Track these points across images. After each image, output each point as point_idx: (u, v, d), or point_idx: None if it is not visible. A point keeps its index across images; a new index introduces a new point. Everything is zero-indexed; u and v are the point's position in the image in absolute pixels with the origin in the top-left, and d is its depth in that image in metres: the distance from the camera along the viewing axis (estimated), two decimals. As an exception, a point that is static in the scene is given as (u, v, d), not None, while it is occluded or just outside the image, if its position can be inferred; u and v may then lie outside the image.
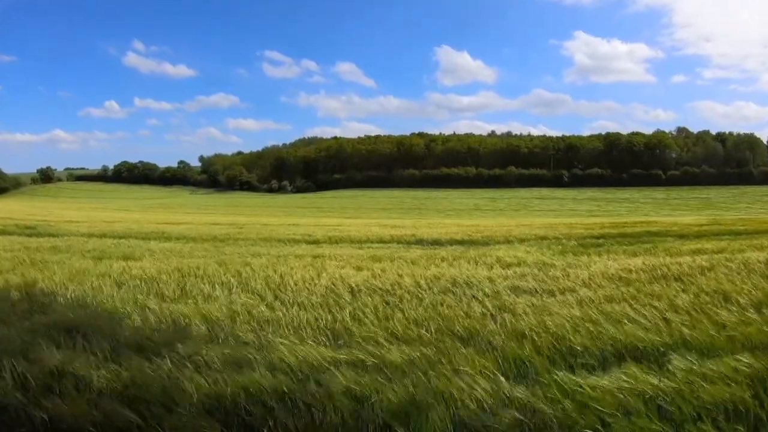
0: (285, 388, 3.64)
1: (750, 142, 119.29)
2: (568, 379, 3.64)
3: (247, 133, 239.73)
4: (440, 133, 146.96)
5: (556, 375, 3.74)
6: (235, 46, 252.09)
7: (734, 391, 3.34)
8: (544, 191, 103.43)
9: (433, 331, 4.97)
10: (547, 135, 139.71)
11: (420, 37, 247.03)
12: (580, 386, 3.51)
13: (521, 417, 3.22)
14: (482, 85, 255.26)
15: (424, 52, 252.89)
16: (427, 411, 3.33)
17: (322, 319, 5.44)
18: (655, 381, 3.49)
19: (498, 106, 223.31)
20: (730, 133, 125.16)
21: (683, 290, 6.41)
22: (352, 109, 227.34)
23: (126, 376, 3.86)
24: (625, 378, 3.57)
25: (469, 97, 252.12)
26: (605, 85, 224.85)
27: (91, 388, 3.74)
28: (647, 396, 3.35)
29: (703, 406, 3.23)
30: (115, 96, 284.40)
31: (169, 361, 4.11)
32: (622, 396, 3.35)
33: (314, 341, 4.69)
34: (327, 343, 4.64)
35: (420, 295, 6.55)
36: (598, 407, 3.23)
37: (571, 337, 4.56)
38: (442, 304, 6.03)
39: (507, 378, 3.80)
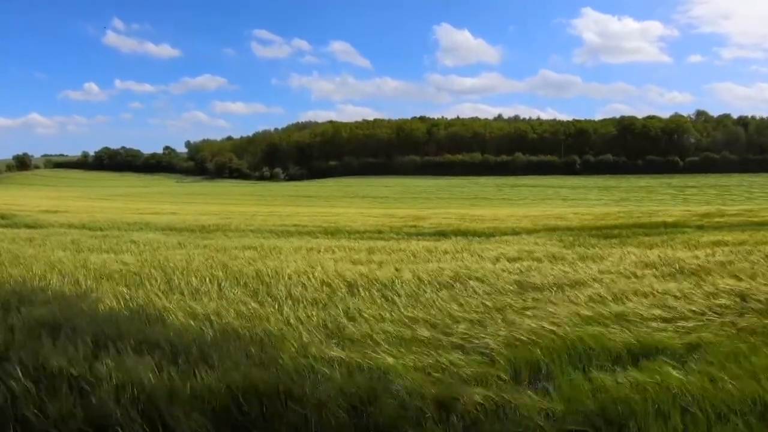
0: (277, 388, 3.64)
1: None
2: (582, 379, 3.65)
3: (236, 116, 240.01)
4: (442, 117, 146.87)
5: (570, 375, 3.74)
6: (221, 24, 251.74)
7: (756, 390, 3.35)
8: (554, 179, 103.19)
9: (434, 329, 4.97)
10: (557, 119, 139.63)
11: (417, 14, 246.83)
12: (595, 387, 3.52)
13: (532, 418, 3.23)
14: (485, 65, 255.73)
15: (422, 31, 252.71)
16: (428, 414, 3.33)
17: (315, 317, 5.44)
18: (677, 379, 3.50)
19: (503, 88, 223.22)
20: (753, 117, 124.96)
21: (700, 286, 6.40)
22: (347, 91, 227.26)
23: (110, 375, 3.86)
24: (641, 377, 3.58)
25: (471, 78, 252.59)
26: (617, 66, 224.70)
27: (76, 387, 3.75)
28: (669, 396, 3.36)
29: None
30: (95, 78, 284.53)
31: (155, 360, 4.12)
32: (641, 396, 3.36)
33: (308, 339, 4.69)
34: (320, 342, 4.63)
35: (420, 291, 6.56)
36: (616, 407, 3.25)
37: (582, 337, 4.56)
38: (443, 301, 6.03)
39: (516, 379, 3.81)
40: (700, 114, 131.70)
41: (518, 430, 3.18)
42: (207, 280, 7.33)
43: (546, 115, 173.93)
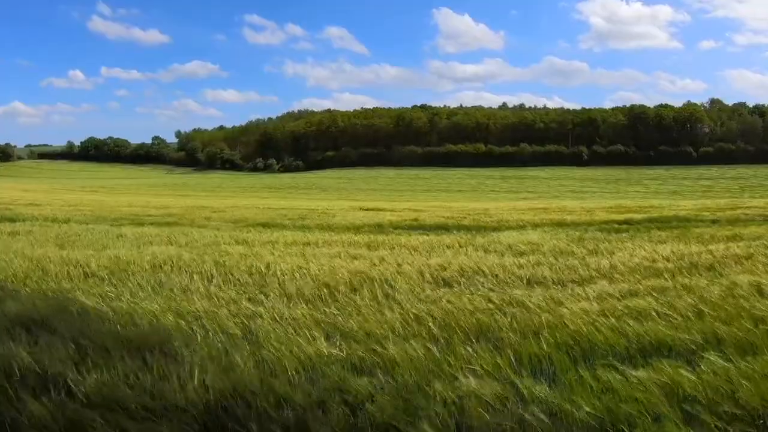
0: (274, 389, 3.63)
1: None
2: (592, 378, 3.64)
3: (229, 105, 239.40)
4: (444, 106, 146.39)
5: (580, 373, 3.73)
6: (211, 9, 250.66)
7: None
8: (562, 170, 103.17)
9: (437, 326, 4.96)
10: (565, 108, 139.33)
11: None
12: (605, 386, 3.51)
13: (541, 420, 3.21)
14: (488, 52, 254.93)
15: (421, 15, 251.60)
16: (430, 415, 3.32)
17: (312, 314, 5.42)
18: (689, 379, 3.49)
19: (507, 75, 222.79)
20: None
21: (716, 282, 6.40)
22: (344, 78, 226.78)
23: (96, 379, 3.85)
24: (653, 377, 3.56)
25: (473, 65, 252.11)
26: (626, 52, 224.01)
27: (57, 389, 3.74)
28: (679, 396, 3.35)
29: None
30: (80, 64, 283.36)
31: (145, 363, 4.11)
32: (651, 396, 3.35)
33: (305, 337, 4.67)
34: (319, 340, 4.62)
35: (423, 287, 6.54)
36: (626, 408, 3.24)
37: (592, 334, 4.55)
38: (447, 297, 6.02)
39: (523, 377, 3.80)
40: (715, 102, 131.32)
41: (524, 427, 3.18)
42: (197, 276, 7.31)
43: (552, 103, 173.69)
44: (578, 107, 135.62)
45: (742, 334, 4.41)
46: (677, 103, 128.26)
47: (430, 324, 5.00)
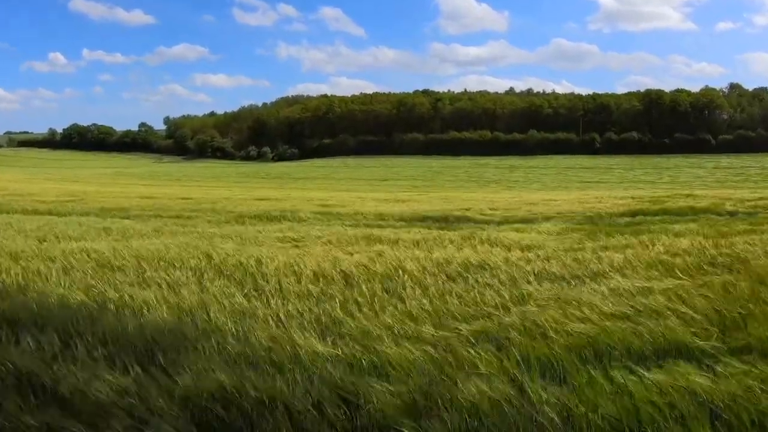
0: (269, 390, 3.63)
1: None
2: (604, 380, 3.63)
3: (219, 90, 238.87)
4: (448, 91, 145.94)
5: (591, 375, 3.72)
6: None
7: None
8: (572, 159, 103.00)
9: (440, 325, 4.95)
10: (575, 93, 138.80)
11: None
12: (619, 388, 3.50)
13: (550, 423, 3.21)
14: (491, 33, 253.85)
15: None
16: (431, 418, 3.31)
17: (308, 312, 5.42)
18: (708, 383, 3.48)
19: (512, 58, 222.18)
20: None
21: (736, 279, 6.38)
22: (340, 62, 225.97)
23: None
24: (669, 379, 3.56)
25: (477, 47, 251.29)
26: (638, 34, 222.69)
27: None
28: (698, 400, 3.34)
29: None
30: (61, 47, 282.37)
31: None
32: (668, 399, 3.34)
33: (300, 336, 4.66)
34: (315, 339, 4.62)
35: (425, 283, 6.53)
36: (640, 411, 3.23)
37: (604, 334, 4.54)
38: (450, 294, 6.01)
39: (531, 379, 3.79)
40: (734, 87, 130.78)
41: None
42: (186, 271, 7.31)
43: (561, 88, 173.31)
44: (588, 92, 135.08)
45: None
46: (693, 88, 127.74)
47: (432, 322, 5.00)
